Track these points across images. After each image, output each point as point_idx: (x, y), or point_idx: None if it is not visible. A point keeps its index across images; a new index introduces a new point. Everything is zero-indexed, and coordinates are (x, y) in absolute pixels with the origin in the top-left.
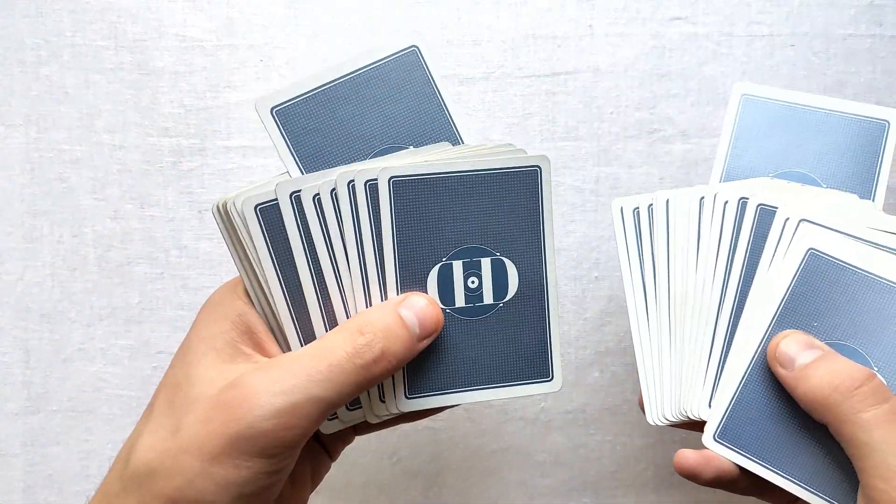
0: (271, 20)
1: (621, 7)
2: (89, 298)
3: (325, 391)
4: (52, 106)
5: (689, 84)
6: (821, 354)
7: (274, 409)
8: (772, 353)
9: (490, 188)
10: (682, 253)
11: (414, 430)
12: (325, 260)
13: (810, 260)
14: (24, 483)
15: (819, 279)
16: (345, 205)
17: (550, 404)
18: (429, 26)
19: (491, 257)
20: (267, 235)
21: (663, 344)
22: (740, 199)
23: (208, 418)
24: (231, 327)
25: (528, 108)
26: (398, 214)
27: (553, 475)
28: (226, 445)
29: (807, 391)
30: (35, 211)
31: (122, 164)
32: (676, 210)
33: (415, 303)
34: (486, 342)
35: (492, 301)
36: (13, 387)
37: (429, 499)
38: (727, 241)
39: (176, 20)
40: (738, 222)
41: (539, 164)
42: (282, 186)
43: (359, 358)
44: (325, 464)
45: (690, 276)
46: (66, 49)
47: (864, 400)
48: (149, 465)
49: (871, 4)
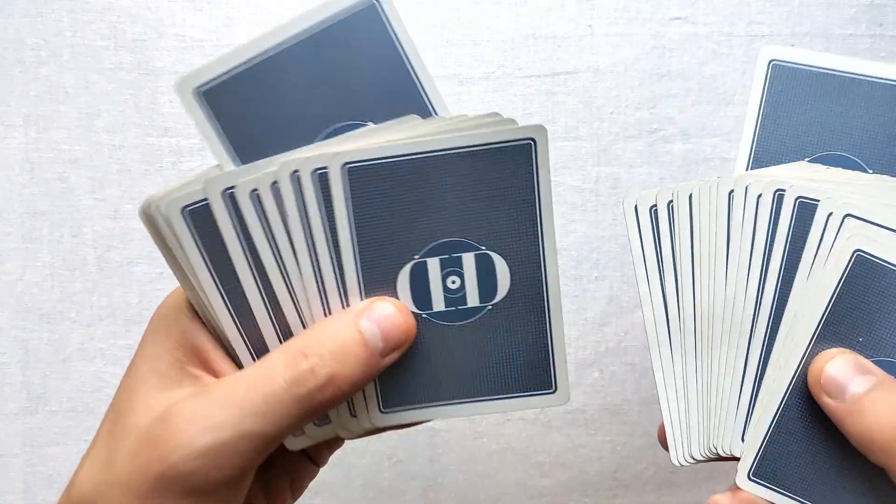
0: (271, 20)
1: (621, 7)
2: (89, 298)
3: (259, 426)
4: (51, 106)
5: (689, 84)
6: (876, 382)
7: (200, 449)
8: (815, 379)
9: (471, 170)
10: (708, 259)
11: (413, 432)
12: (270, 266)
13: (857, 263)
14: (23, 483)
15: (867, 286)
16: (289, 201)
17: None
18: (429, 26)
19: (475, 252)
20: (199, 242)
21: (689, 369)
22: (776, 192)
23: (136, 453)
24: (175, 346)
25: (528, 108)
26: (357, 208)
27: (553, 475)
28: (152, 484)
29: (862, 430)
30: (35, 211)
31: (122, 164)
32: (701, 207)
33: (379, 311)
34: (473, 349)
35: (478, 303)
36: (13, 387)
37: (428, 500)
38: (761, 245)
39: (176, 20)
40: (774, 220)
41: (533, 136)
42: (211, 183)
43: (299, 387)
44: (310, 472)
45: (720, 287)
46: (66, 49)
47: None
48: (84, 497)
49: (871, 4)
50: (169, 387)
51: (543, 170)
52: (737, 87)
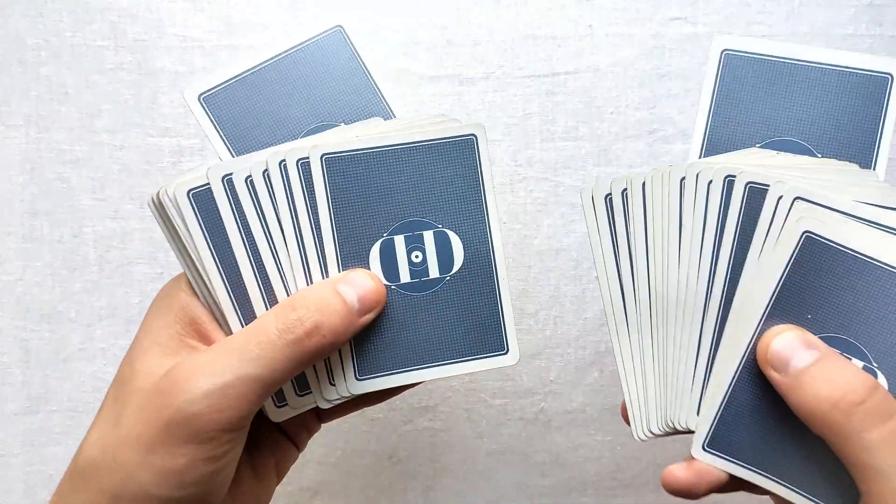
0: (271, 20)
1: (621, 7)
2: (89, 298)
3: (256, 369)
4: (52, 106)
5: (689, 84)
6: (818, 356)
7: (203, 391)
8: (763, 353)
9: (426, 159)
10: (661, 244)
11: (413, 432)
12: (262, 242)
13: (806, 244)
14: (23, 483)
15: (815, 266)
16: (278, 185)
17: (550, 404)
18: (429, 26)
19: (433, 230)
20: (201, 220)
21: (646, 348)
22: (726, 178)
23: (143, 408)
24: (174, 320)
25: (528, 108)
26: (334, 192)
27: (553, 475)
28: (160, 433)
29: (803, 402)
30: (35, 211)
31: (122, 164)
32: (654, 194)
33: (354, 278)
34: (437, 317)
35: (438, 275)
36: (13, 387)
37: (428, 500)
38: (712, 228)
39: (176, 20)
40: (725, 205)
41: (475, 132)
42: (213, 170)
43: (289, 333)
44: (291, 455)
45: (673, 271)
46: (66, 49)
47: (868, 418)
48: (93, 461)
49: (871, 4)
50: (168, 355)
51: (485, 160)
52: None
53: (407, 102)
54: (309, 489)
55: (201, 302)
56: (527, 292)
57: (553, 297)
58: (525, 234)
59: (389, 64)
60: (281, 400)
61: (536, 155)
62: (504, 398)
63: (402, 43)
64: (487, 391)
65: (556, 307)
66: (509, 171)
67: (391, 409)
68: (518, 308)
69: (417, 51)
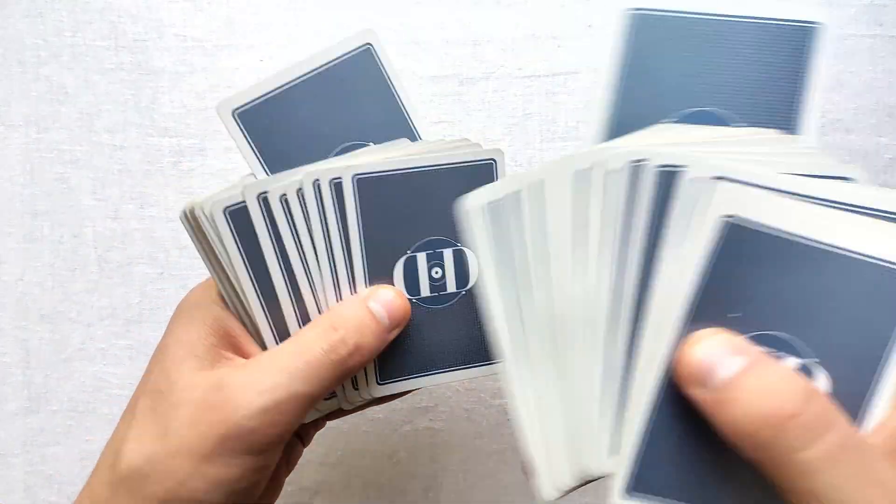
0: (271, 20)
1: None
2: (89, 298)
3: (305, 387)
4: (52, 106)
5: None
6: (747, 363)
7: (259, 408)
8: (680, 368)
9: (450, 182)
10: (556, 253)
11: (413, 432)
12: (294, 258)
13: (726, 231)
14: (24, 483)
15: (738, 255)
16: (311, 204)
17: None
18: (429, 26)
19: (453, 248)
20: (237, 237)
21: (545, 384)
22: (632, 163)
23: (196, 421)
24: (210, 332)
25: (528, 108)
26: (363, 211)
27: None
28: (216, 446)
29: (729, 421)
30: (35, 211)
31: (122, 164)
32: (546, 193)
33: (383, 296)
34: (452, 328)
35: (455, 289)
36: (13, 387)
37: (428, 500)
38: (616, 226)
39: (176, 20)
40: (631, 196)
41: (494, 157)
42: (249, 189)
43: (335, 353)
44: (298, 450)
45: (569, 284)
46: (66, 49)
47: (802, 435)
48: (139, 469)
49: (871, 4)
50: (206, 368)
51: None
52: None
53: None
54: (309, 489)
55: (233, 314)
56: None
57: None
58: None
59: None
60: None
61: (536, 155)
62: (504, 398)
63: (402, 43)
64: (487, 391)
65: None
66: (509, 171)
67: (391, 409)
68: None
69: (417, 51)
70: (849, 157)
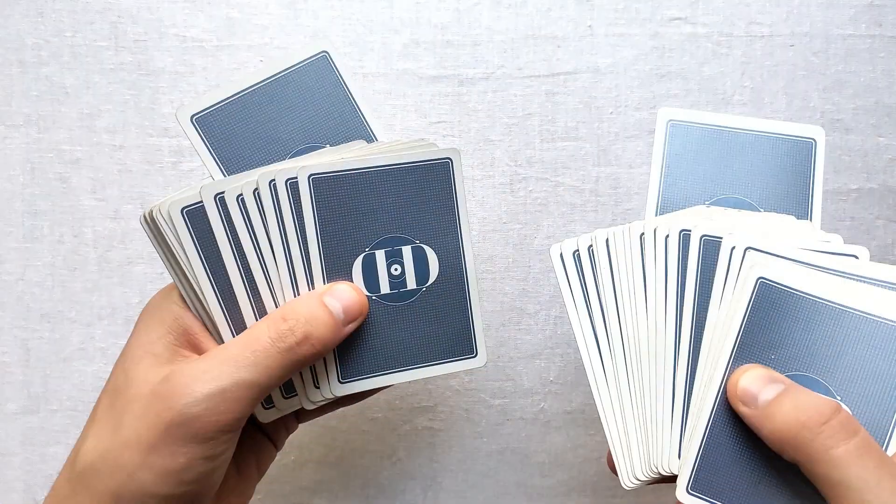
0: (271, 20)
1: (621, 7)
2: (89, 298)
3: (251, 375)
4: (52, 106)
5: (689, 84)
6: (783, 389)
7: (203, 395)
8: (732, 392)
9: (406, 181)
10: (629, 294)
11: (413, 432)
12: (252, 257)
13: (761, 289)
14: (23, 483)
15: (772, 309)
16: (268, 203)
17: (549, 405)
18: (429, 26)
19: (411, 245)
20: (195, 237)
21: (624, 396)
22: (682, 232)
23: (144, 412)
24: (167, 331)
25: (528, 108)
26: (320, 210)
27: (552, 475)
28: (161, 435)
29: (773, 430)
30: (35, 211)
31: (122, 164)
32: (617, 249)
33: (338, 290)
34: (413, 325)
35: (415, 286)
36: (13, 386)
37: (427, 500)
38: (674, 278)
39: (176, 20)
40: (684, 256)
41: (450, 156)
42: (206, 189)
43: (282, 342)
44: (270, 453)
45: (642, 319)
46: (67, 49)
47: (834, 435)
48: (93, 464)
49: (871, 4)
50: (162, 364)
51: (459, 181)
52: (736, 87)
53: (407, 103)
54: (309, 489)
55: (193, 313)
56: (527, 292)
57: (553, 297)
58: (525, 234)
59: (389, 64)
60: (268, 402)
61: (536, 155)
62: (504, 398)
63: (402, 43)
64: (487, 391)
65: (556, 307)
66: (509, 171)
67: (391, 409)
68: (518, 308)
69: (417, 51)
70: (849, 157)
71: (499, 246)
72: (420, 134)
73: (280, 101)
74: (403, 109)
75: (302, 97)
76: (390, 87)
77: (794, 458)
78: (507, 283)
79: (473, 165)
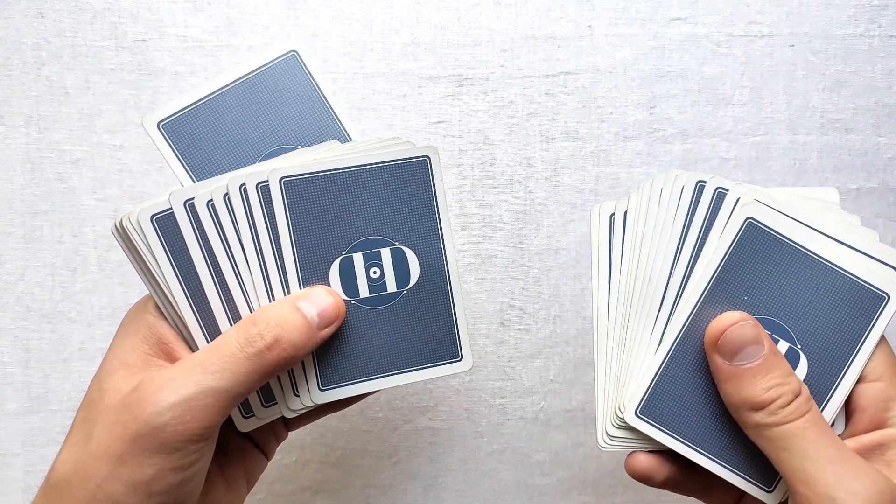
0: (271, 20)
1: (621, 7)
2: (89, 298)
3: (219, 381)
4: (52, 106)
5: (688, 84)
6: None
7: (168, 404)
8: (713, 336)
9: (382, 181)
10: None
11: (413, 431)
12: (224, 262)
13: (748, 230)
14: (24, 483)
15: (754, 250)
16: (238, 208)
17: (549, 404)
18: (429, 26)
19: (390, 247)
20: (165, 244)
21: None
22: (697, 183)
23: (112, 424)
24: (142, 341)
25: (528, 108)
26: (293, 213)
27: (553, 474)
28: (128, 446)
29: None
30: (36, 211)
31: (123, 164)
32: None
33: (313, 294)
34: (395, 329)
35: (395, 289)
36: (13, 386)
37: (428, 499)
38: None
39: (176, 20)
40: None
41: (428, 154)
42: (175, 195)
43: (250, 346)
44: (260, 463)
45: (642, 268)
46: (67, 49)
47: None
48: (65, 476)
49: (871, 4)
50: (135, 374)
51: (438, 180)
52: (736, 88)
53: (407, 103)
54: (309, 489)
55: (168, 322)
56: (526, 292)
57: (552, 297)
58: (525, 234)
59: (389, 64)
60: (248, 411)
61: (536, 155)
62: (504, 398)
63: (401, 43)
64: (487, 391)
65: (556, 306)
66: (509, 171)
67: (391, 408)
68: (517, 308)
69: (417, 51)
70: (848, 157)
71: (499, 246)
72: (420, 134)
73: (249, 103)
74: (403, 109)
75: (271, 98)
76: (390, 87)
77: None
78: (507, 283)
79: (473, 165)
